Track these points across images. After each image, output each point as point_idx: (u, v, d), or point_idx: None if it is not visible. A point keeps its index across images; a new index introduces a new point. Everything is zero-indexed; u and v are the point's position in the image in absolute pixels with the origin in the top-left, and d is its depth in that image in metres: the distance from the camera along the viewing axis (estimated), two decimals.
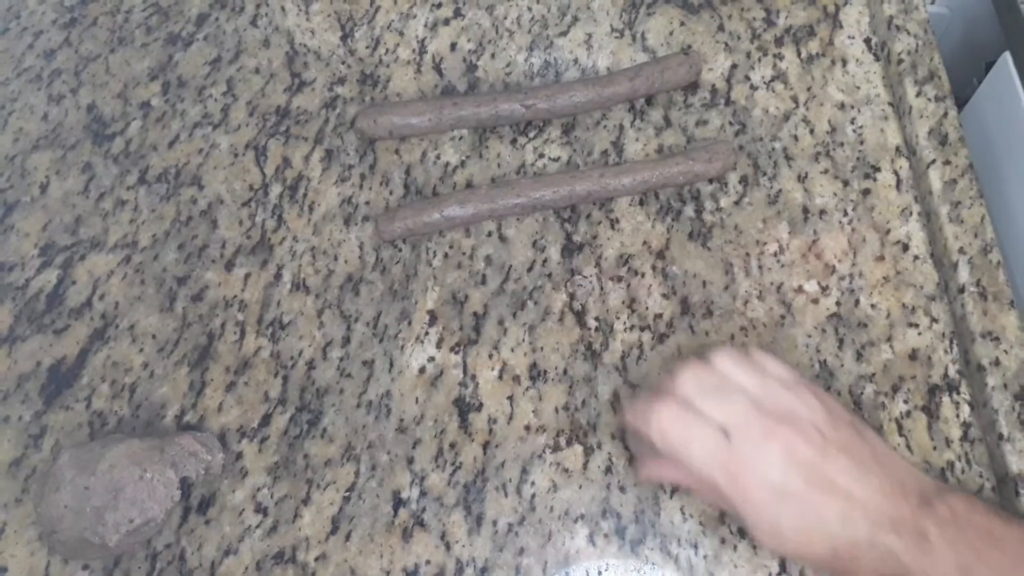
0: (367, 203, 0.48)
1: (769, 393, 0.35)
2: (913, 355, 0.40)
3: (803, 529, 0.32)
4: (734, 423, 0.34)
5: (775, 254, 0.43)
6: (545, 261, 0.45)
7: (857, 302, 0.42)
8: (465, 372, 0.42)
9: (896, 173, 0.45)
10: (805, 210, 0.44)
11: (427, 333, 0.43)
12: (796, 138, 0.46)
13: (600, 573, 0.38)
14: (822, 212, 0.44)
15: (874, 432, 0.35)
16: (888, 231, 0.43)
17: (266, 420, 0.42)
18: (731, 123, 0.47)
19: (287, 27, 0.55)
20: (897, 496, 0.32)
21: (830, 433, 0.33)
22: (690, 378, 0.35)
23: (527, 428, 0.41)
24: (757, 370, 0.36)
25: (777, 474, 0.33)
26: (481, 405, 0.42)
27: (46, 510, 0.38)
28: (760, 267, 0.43)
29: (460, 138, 0.49)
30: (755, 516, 0.33)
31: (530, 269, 0.45)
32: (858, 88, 0.47)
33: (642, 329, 0.42)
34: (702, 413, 0.34)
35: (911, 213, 0.44)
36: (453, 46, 0.52)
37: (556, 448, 0.40)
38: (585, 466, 0.40)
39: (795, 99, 0.48)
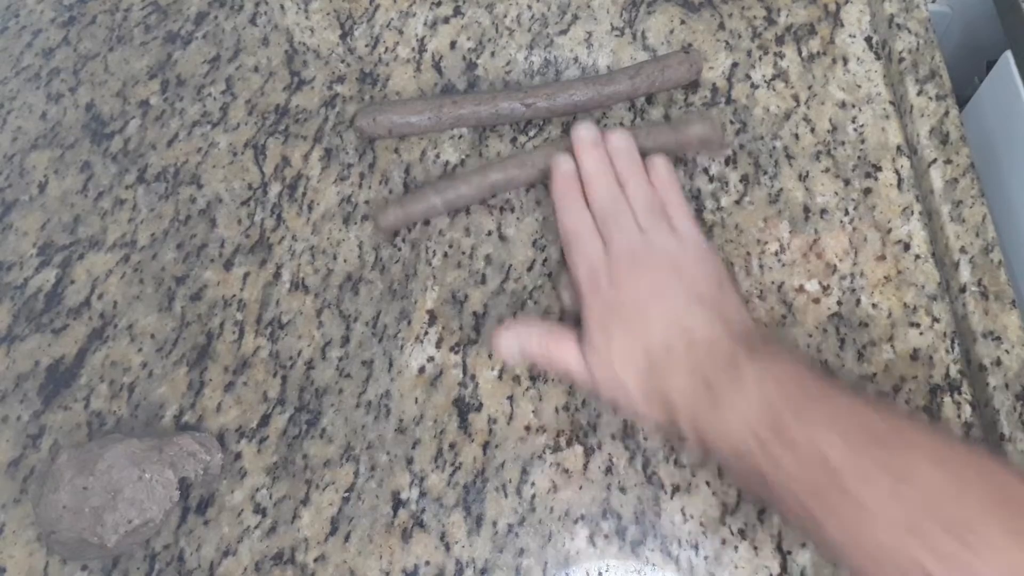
0: (366, 202, 0.47)
1: (655, 231, 0.40)
2: (914, 355, 0.40)
3: (628, 334, 0.37)
4: (614, 243, 0.39)
5: (776, 253, 0.43)
6: (545, 260, 0.45)
7: (858, 301, 0.42)
8: (465, 372, 0.42)
9: (897, 172, 0.45)
10: (806, 209, 0.44)
11: (427, 333, 0.43)
12: (797, 137, 0.46)
13: (600, 574, 0.37)
14: (823, 211, 0.44)
15: (727, 282, 0.39)
16: (889, 230, 0.43)
17: (265, 420, 0.42)
18: (732, 122, 0.47)
19: (286, 25, 0.54)
20: (719, 326, 0.36)
21: (686, 268, 0.38)
22: (601, 184, 0.42)
23: (527, 428, 0.41)
24: (655, 206, 0.41)
25: (615, 290, 0.38)
26: (481, 405, 0.41)
27: (44, 510, 0.38)
28: (761, 266, 0.43)
29: (460, 137, 0.49)
30: (589, 328, 0.38)
31: (530, 268, 0.44)
32: (859, 87, 0.47)
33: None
34: (593, 214, 0.41)
35: (912, 212, 0.44)
36: (453, 44, 0.52)
37: (556, 448, 0.40)
38: (585, 467, 0.40)
39: (796, 98, 0.47)
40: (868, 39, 0.49)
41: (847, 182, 0.45)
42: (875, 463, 0.29)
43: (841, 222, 0.44)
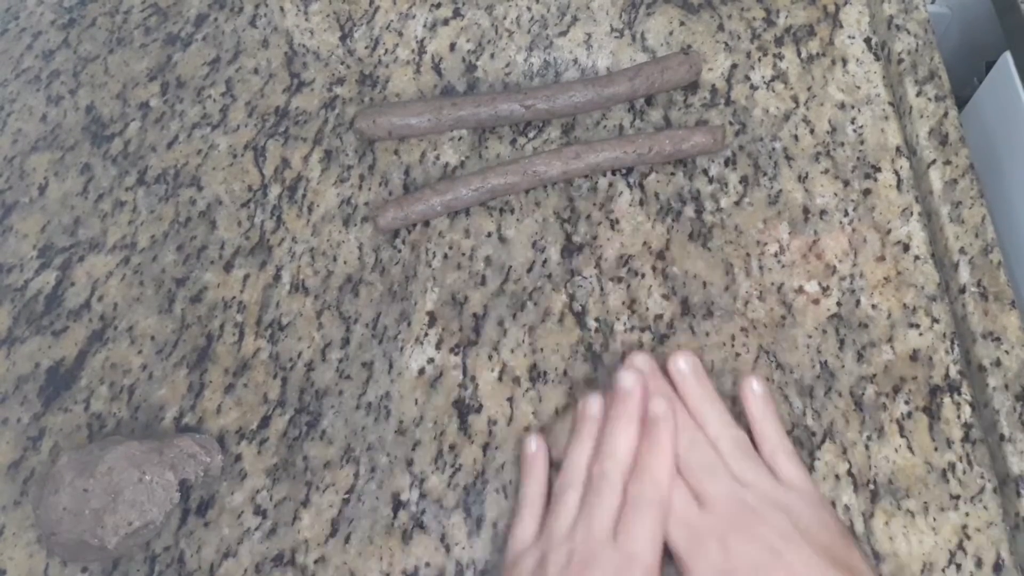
0: (366, 204, 0.47)
1: (758, 482, 0.34)
2: (914, 356, 0.40)
3: None
4: (714, 502, 0.33)
5: (776, 254, 0.43)
6: (545, 262, 0.45)
7: (858, 302, 0.42)
8: (465, 373, 0.42)
9: (897, 173, 0.45)
10: (805, 210, 0.44)
11: (426, 334, 0.43)
12: (796, 138, 0.46)
13: None
14: (823, 212, 0.44)
15: (855, 541, 0.34)
16: (889, 231, 0.43)
17: (265, 422, 0.42)
18: (731, 123, 0.47)
19: (286, 27, 0.55)
20: (856, 560, 0.31)
21: (810, 528, 0.32)
22: (686, 443, 0.35)
23: (527, 430, 0.41)
24: (757, 464, 0.34)
25: (742, 556, 0.32)
26: (481, 407, 0.41)
27: (45, 512, 0.38)
28: (761, 267, 0.43)
29: (459, 138, 0.49)
30: None
31: (530, 270, 0.44)
32: (858, 88, 0.47)
33: (642, 330, 0.42)
34: (681, 472, 0.34)
35: (912, 213, 0.44)
36: (452, 46, 0.52)
37: None
38: None
39: (795, 99, 0.47)
40: (867, 40, 0.49)
41: (846, 183, 0.45)
42: None
43: (840, 223, 0.44)
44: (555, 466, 0.38)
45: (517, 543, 0.35)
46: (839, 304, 0.42)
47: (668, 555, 0.34)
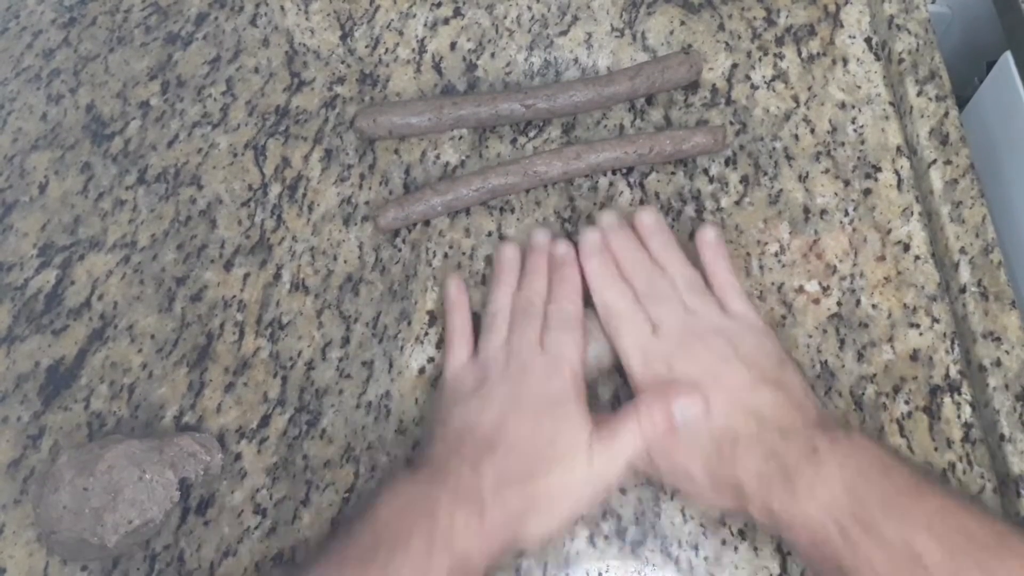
0: (367, 203, 0.47)
1: (704, 309, 0.38)
2: (914, 355, 0.40)
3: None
4: (663, 324, 0.38)
5: (776, 254, 0.43)
6: None
7: (858, 302, 0.42)
8: None
9: (897, 173, 0.45)
10: (806, 210, 0.44)
11: (427, 333, 0.43)
12: (797, 138, 0.46)
13: (600, 575, 0.37)
14: (823, 212, 0.44)
15: (790, 363, 0.37)
16: (889, 231, 0.43)
17: (265, 421, 0.42)
18: (732, 122, 0.47)
19: (286, 26, 0.55)
20: (791, 410, 0.35)
21: (743, 348, 0.37)
22: (640, 273, 0.40)
23: None
24: (700, 287, 0.39)
25: (672, 374, 0.37)
26: None
27: (45, 511, 0.38)
28: (761, 267, 0.43)
29: (460, 138, 0.49)
30: (644, 401, 0.36)
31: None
32: (859, 87, 0.47)
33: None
34: (637, 297, 0.39)
35: (912, 213, 0.44)
36: (453, 45, 0.52)
37: None
38: None
39: (796, 98, 0.47)
40: (868, 40, 0.49)
41: (847, 183, 0.45)
42: (976, 570, 0.29)
43: (841, 223, 0.44)
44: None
45: (455, 365, 0.40)
46: (839, 304, 0.42)
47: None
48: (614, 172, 0.46)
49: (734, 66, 0.49)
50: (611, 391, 0.41)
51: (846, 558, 0.30)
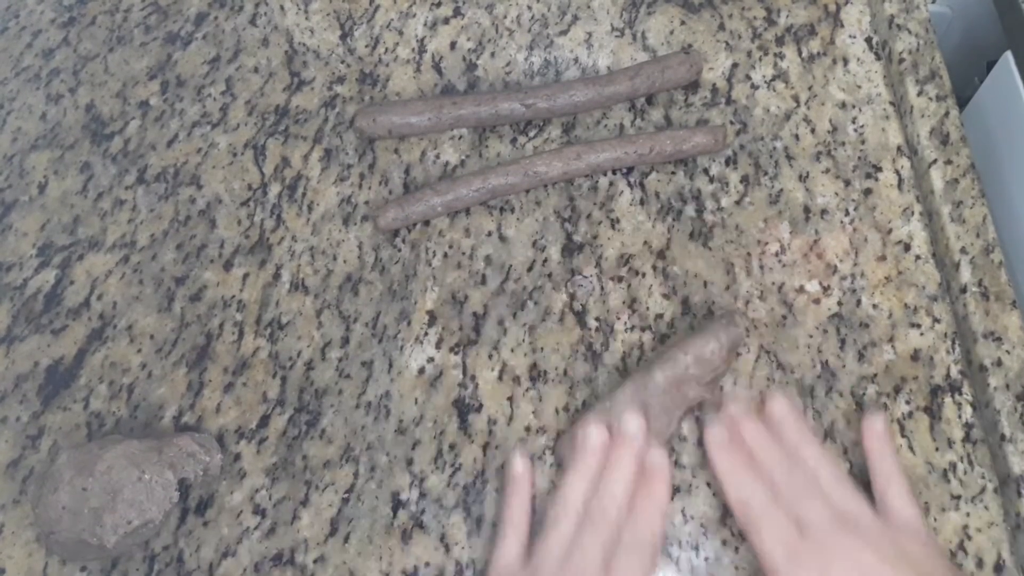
0: (366, 203, 0.47)
1: (854, 507, 0.34)
2: (915, 355, 0.40)
3: None
4: (810, 524, 0.33)
5: (776, 254, 0.43)
6: (545, 261, 0.44)
7: (859, 302, 0.42)
8: (465, 373, 0.42)
9: (898, 173, 0.45)
10: (806, 210, 0.44)
11: (426, 333, 0.43)
12: (797, 137, 0.46)
13: None
14: (823, 212, 0.44)
15: (957, 570, 0.33)
16: (890, 231, 0.43)
17: (264, 421, 0.42)
18: (732, 122, 0.47)
19: (286, 26, 0.54)
20: None
21: (911, 555, 0.32)
22: (779, 466, 0.35)
23: (527, 429, 0.41)
24: (852, 489, 0.35)
25: (839, 572, 0.32)
26: (481, 406, 0.41)
27: (44, 511, 0.38)
28: (761, 267, 0.43)
29: (460, 137, 0.49)
30: None
31: (530, 269, 0.44)
32: (859, 87, 0.47)
33: (643, 329, 0.42)
34: (776, 493, 0.34)
35: (913, 213, 0.44)
36: (453, 45, 0.52)
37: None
38: None
39: (796, 98, 0.47)
40: (868, 40, 0.49)
41: (847, 183, 0.45)
42: None
43: (841, 223, 0.44)
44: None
45: (501, 564, 0.35)
46: (840, 304, 0.42)
47: None
48: (614, 172, 0.46)
49: (734, 66, 0.49)
50: None
51: None
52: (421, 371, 0.42)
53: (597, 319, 0.43)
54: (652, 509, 0.35)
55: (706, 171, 0.46)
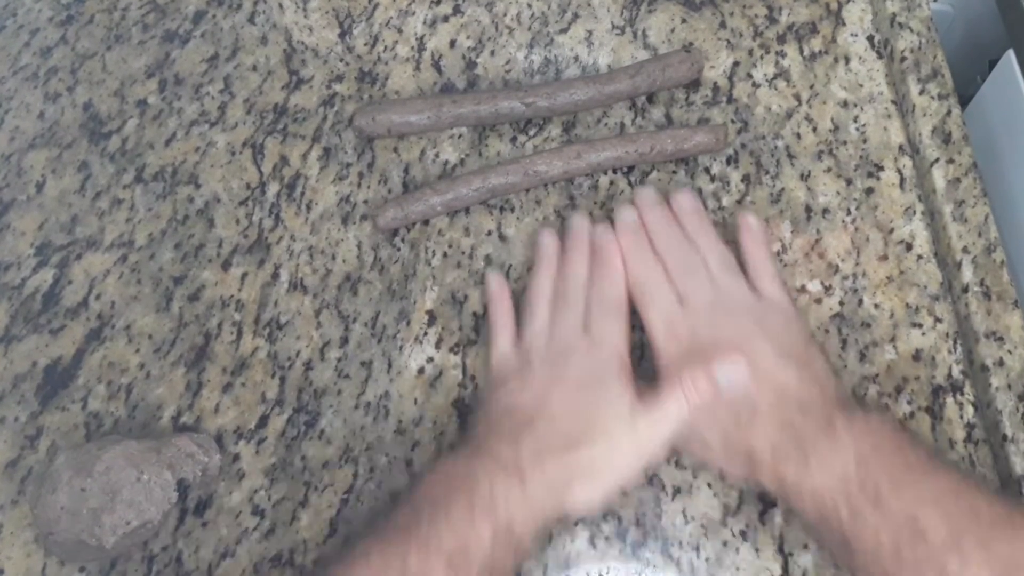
0: (365, 202, 0.47)
1: (734, 288, 0.39)
2: (916, 355, 0.40)
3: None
4: (691, 299, 0.38)
5: (778, 253, 0.43)
6: None
7: (860, 302, 0.41)
8: (464, 373, 0.42)
9: (899, 172, 0.45)
10: (808, 209, 0.44)
11: (426, 333, 0.43)
12: (799, 136, 0.46)
13: None
14: (825, 211, 0.44)
15: (815, 346, 0.38)
16: (891, 230, 0.43)
17: (263, 421, 0.42)
18: (733, 121, 0.47)
19: (285, 24, 0.54)
20: (813, 387, 0.35)
21: (770, 325, 0.37)
22: (674, 249, 0.40)
23: None
24: (733, 267, 0.40)
25: (706, 345, 0.37)
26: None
27: (42, 512, 0.38)
28: None
29: (459, 136, 0.48)
30: (665, 367, 0.37)
31: (530, 268, 0.44)
32: (861, 86, 0.47)
33: (643, 329, 0.42)
34: (668, 272, 0.40)
35: (914, 212, 0.43)
36: (452, 43, 0.52)
37: None
38: None
39: (797, 97, 0.47)
40: (870, 38, 0.48)
41: (849, 182, 0.44)
42: (977, 547, 0.29)
43: (843, 222, 0.43)
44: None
45: (497, 353, 0.40)
46: (841, 303, 0.42)
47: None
48: (615, 171, 0.46)
49: (735, 64, 0.49)
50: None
51: (851, 530, 0.31)
52: (421, 371, 0.42)
53: None
54: (608, 271, 0.40)
55: (707, 170, 0.46)
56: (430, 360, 0.43)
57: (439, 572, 0.31)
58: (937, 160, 0.43)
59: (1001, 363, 0.38)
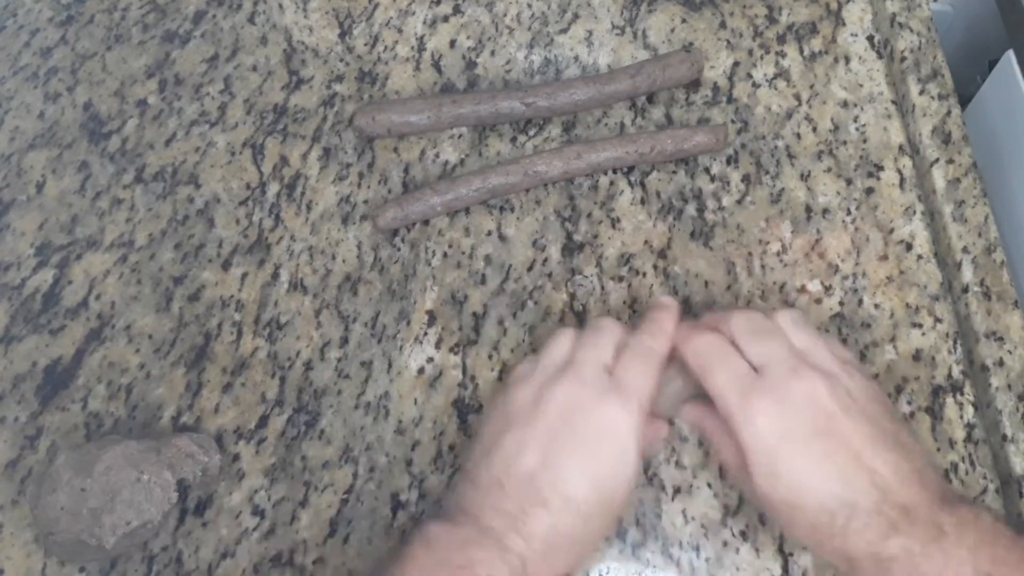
0: (365, 202, 0.47)
1: (815, 350, 0.34)
2: (916, 355, 0.40)
3: (800, 473, 0.31)
4: (767, 362, 0.33)
5: (778, 253, 0.43)
6: (545, 260, 0.44)
7: (860, 302, 0.41)
8: (464, 373, 0.42)
9: (899, 172, 0.45)
10: (808, 209, 0.44)
11: (426, 333, 0.43)
12: (799, 136, 0.46)
13: None
14: (825, 211, 0.44)
15: (907, 424, 0.33)
16: (891, 230, 0.43)
17: (263, 421, 0.42)
18: (733, 121, 0.47)
19: (285, 24, 0.54)
20: (914, 482, 0.30)
21: (860, 399, 0.32)
22: (741, 318, 0.35)
23: None
24: (813, 334, 0.35)
25: (791, 412, 0.31)
26: (481, 406, 0.41)
27: (42, 512, 0.38)
28: (763, 267, 0.43)
29: (459, 136, 0.48)
30: (755, 447, 0.32)
31: (530, 269, 0.44)
32: (861, 86, 0.47)
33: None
34: (740, 348, 0.34)
35: (914, 212, 0.43)
36: (452, 43, 0.52)
37: None
38: None
39: (797, 97, 0.47)
40: (870, 38, 0.48)
41: (849, 182, 0.44)
42: None
43: (843, 222, 0.43)
44: None
45: (517, 371, 0.37)
46: (841, 304, 0.42)
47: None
48: (615, 171, 0.46)
49: (735, 64, 0.49)
50: None
51: None
52: (421, 371, 0.42)
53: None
54: (656, 328, 0.36)
55: (707, 170, 0.46)
56: (430, 360, 0.42)
57: None
58: (937, 160, 0.43)
59: (1001, 363, 0.38)
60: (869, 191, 0.44)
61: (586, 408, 0.33)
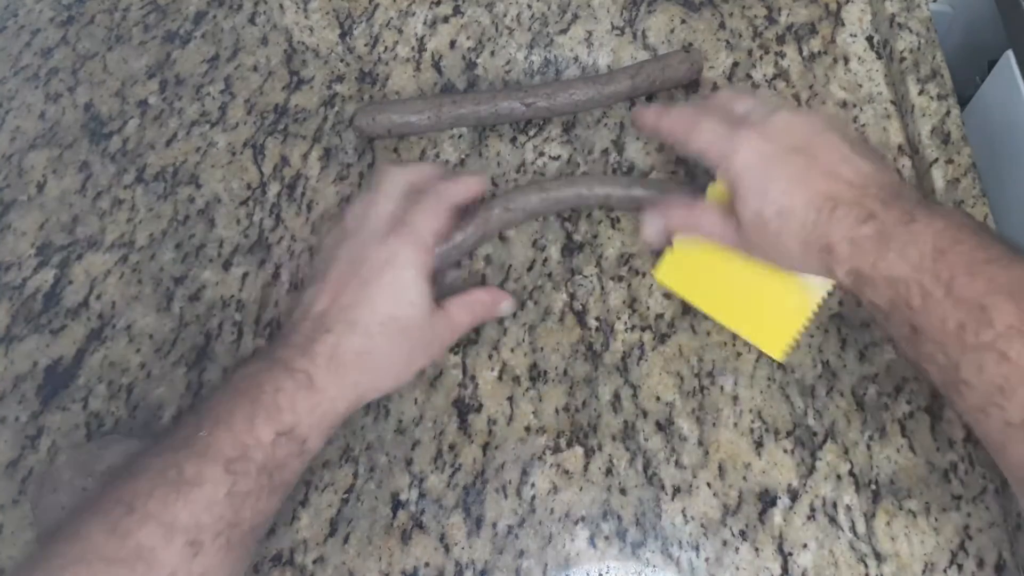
0: None
1: (788, 105, 0.39)
2: None
3: (789, 179, 0.35)
4: (747, 113, 0.37)
5: None
6: (545, 261, 0.44)
7: (860, 302, 0.41)
8: (464, 372, 0.42)
9: (899, 172, 0.45)
10: None
11: None
12: None
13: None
14: None
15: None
16: None
17: None
18: None
19: (285, 25, 0.54)
20: (888, 171, 0.35)
21: (837, 125, 0.36)
22: (723, 94, 0.40)
23: (527, 429, 0.40)
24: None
25: (772, 136, 0.35)
26: (481, 406, 0.41)
27: (43, 512, 0.38)
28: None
29: (459, 136, 0.48)
30: (745, 172, 0.35)
31: (530, 269, 0.44)
32: (860, 86, 0.47)
33: (643, 329, 0.42)
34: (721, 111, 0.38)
35: None
36: (452, 44, 0.52)
37: (556, 450, 0.40)
38: (586, 468, 0.39)
39: (797, 97, 0.47)
40: (869, 38, 0.49)
41: None
42: None
43: None
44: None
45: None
46: (841, 303, 0.42)
47: None
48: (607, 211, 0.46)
49: (735, 64, 0.49)
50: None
51: (920, 316, 0.31)
52: (420, 371, 0.42)
53: (597, 319, 0.43)
54: (456, 180, 0.41)
55: (707, 170, 0.46)
56: None
57: (216, 476, 0.31)
58: (936, 160, 0.43)
59: None
60: None
61: (369, 250, 0.38)
